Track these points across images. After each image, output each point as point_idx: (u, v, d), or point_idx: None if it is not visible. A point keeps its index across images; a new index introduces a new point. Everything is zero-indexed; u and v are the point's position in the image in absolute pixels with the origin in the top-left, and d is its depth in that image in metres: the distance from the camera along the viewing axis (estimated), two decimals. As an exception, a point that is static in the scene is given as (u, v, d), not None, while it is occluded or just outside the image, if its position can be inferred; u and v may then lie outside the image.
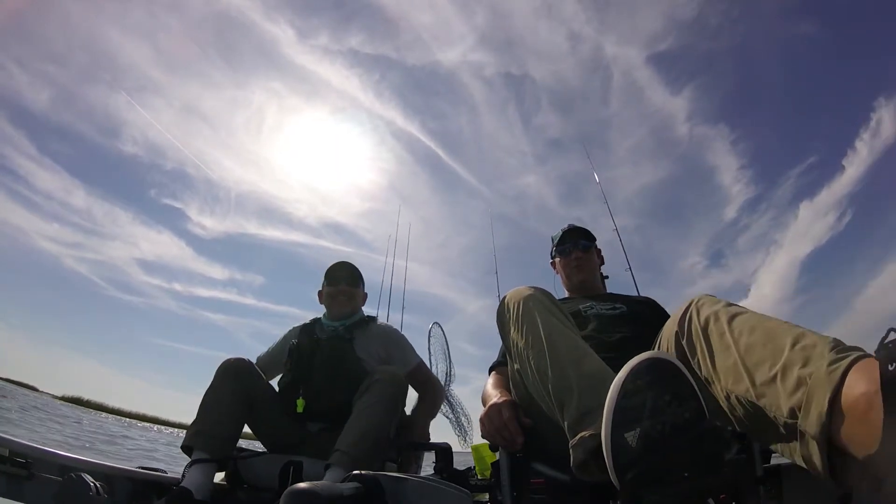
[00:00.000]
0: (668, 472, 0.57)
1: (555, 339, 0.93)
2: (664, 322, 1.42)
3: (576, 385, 0.83)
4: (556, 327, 0.95)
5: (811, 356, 0.62)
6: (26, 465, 1.19)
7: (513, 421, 1.03)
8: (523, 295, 1.05)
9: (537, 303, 1.02)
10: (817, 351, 0.62)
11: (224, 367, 1.50)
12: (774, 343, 0.68)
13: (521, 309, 1.02)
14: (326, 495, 0.74)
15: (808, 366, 0.61)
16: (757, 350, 0.70)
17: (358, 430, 1.34)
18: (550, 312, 0.99)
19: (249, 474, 1.52)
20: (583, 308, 1.39)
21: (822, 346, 0.62)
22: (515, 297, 1.06)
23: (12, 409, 9.40)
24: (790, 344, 0.66)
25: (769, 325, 0.73)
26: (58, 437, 5.89)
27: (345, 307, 1.81)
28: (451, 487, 0.88)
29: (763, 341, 0.70)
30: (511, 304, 1.06)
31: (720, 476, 0.58)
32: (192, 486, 1.27)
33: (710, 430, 0.59)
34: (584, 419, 0.77)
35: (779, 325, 0.72)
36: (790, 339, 0.66)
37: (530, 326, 0.98)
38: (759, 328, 0.73)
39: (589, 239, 1.64)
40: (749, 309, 0.81)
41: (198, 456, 1.35)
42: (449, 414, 3.05)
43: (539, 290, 1.07)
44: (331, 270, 1.85)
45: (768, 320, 0.75)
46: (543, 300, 1.03)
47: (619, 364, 1.15)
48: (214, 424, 1.41)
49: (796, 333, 0.67)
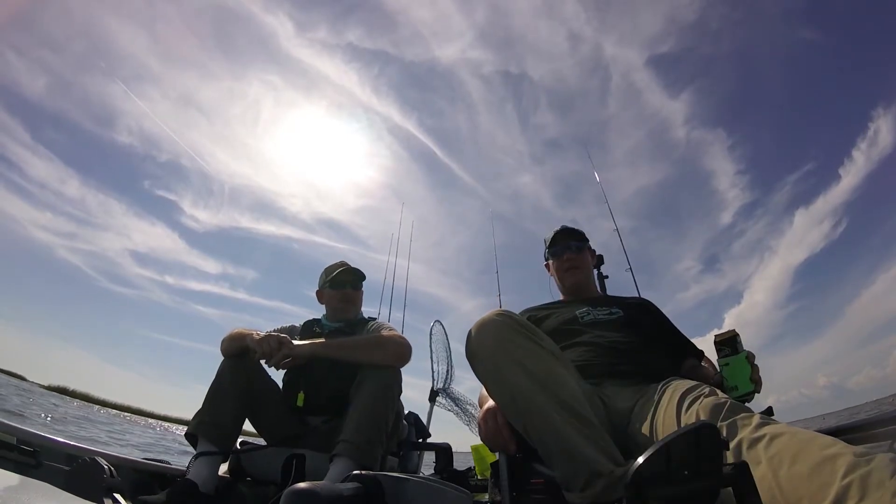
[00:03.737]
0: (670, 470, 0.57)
1: (529, 407, 0.89)
2: (661, 326, 1.42)
3: (555, 457, 0.85)
4: (525, 389, 0.89)
5: (868, 486, 0.54)
6: (33, 454, 1.21)
7: (505, 427, 1.03)
8: (485, 344, 0.96)
9: (502, 353, 0.93)
10: (874, 479, 0.54)
11: (229, 360, 1.52)
12: (822, 473, 0.59)
13: (487, 366, 0.96)
14: (326, 495, 0.75)
15: (865, 499, 0.53)
16: (802, 483, 0.61)
17: (359, 420, 1.35)
18: (517, 363, 0.92)
19: (252, 467, 1.54)
20: (579, 314, 1.40)
21: (879, 471, 0.55)
22: (479, 344, 0.97)
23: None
24: (842, 473, 0.57)
25: (813, 450, 0.63)
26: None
27: (349, 312, 1.84)
28: (451, 487, 0.88)
29: (808, 472, 0.61)
30: (475, 354, 0.98)
31: (721, 476, 0.58)
32: (198, 479, 1.29)
33: (710, 431, 0.59)
34: (568, 484, 0.82)
35: (825, 447, 0.62)
36: (842, 466, 0.58)
37: (499, 386, 0.94)
38: (802, 455, 0.63)
39: (580, 240, 1.62)
40: (786, 426, 0.71)
41: (202, 445, 1.37)
42: (453, 407, 3.08)
43: (504, 325, 0.97)
44: (335, 274, 1.84)
45: (812, 442, 0.64)
46: (508, 342, 0.94)
47: (614, 371, 1.15)
48: (219, 415, 1.42)
49: (848, 460, 0.58)
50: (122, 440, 7.76)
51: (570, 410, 0.87)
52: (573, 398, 0.90)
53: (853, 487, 0.55)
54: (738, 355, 1.08)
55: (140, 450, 5.96)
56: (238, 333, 1.51)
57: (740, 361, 1.07)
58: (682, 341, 1.42)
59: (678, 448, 0.57)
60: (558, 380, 0.92)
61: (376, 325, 1.81)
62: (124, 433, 9.90)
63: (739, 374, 1.07)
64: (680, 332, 1.45)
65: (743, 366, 1.07)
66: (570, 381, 0.94)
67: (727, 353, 1.09)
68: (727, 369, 1.09)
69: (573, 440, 0.83)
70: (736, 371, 1.08)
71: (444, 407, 3.10)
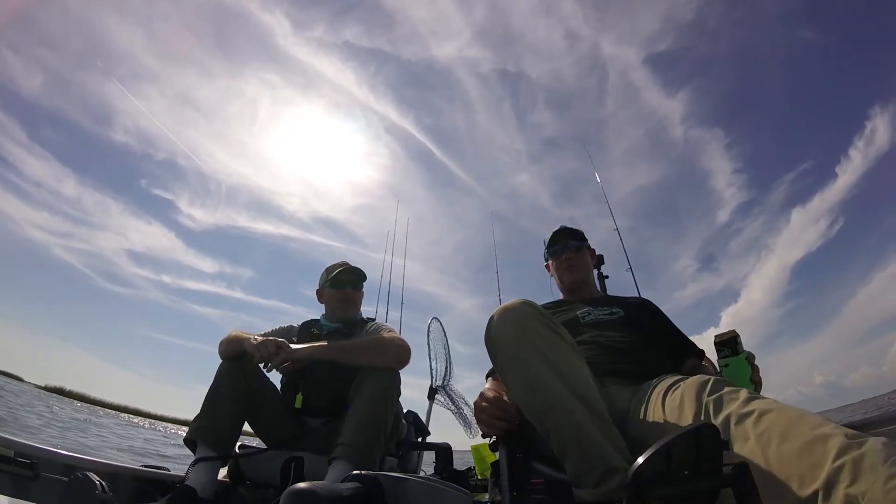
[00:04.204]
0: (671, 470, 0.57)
1: (548, 398, 0.87)
2: (662, 326, 1.42)
3: (571, 451, 0.84)
4: (546, 379, 0.87)
5: (860, 469, 0.53)
6: (31, 466, 1.21)
7: (499, 398, 1.03)
8: (507, 331, 0.93)
9: (523, 341, 0.91)
10: (867, 463, 0.53)
11: (227, 363, 1.51)
12: (813, 453, 0.58)
13: (508, 353, 0.93)
14: (326, 495, 0.74)
15: (857, 482, 0.52)
16: (791, 461, 0.60)
17: (358, 423, 1.35)
18: (539, 352, 0.89)
19: (251, 471, 1.53)
20: (580, 314, 1.40)
21: (871, 455, 0.53)
22: (500, 331, 0.94)
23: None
24: (833, 454, 0.56)
25: (803, 429, 0.62)
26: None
27: (349, 312, 1.84)
28: (451, 487, 0.88)
29: (798, 450, 0.60)
30: (496, 341, 0.95)
31: (721, 476, 0.59)
32: (196, 485, 1.28)
33: (710, 431, 0.59)
34: (580, 480, 0.82)
35: (815, 426, 0.61)
36: (833, 448, 0.57)
37: (518, 375, 0.91)
38: (791, 433, 0.62)
39: (579, 239, 1.63)
40: (774, 401, 0.70)
41: (202, 450, 1.37)
42: (451, 406, 3.08)
43: (527, 313, 0.94)
44: (336, 273, 1.83)
45: (802, 421, 0.63)
46: (530, 330, 0.92)
47: (615, 371, 1.15)
48: (217, 419, 1.42)
49: (840, 441, 0.57)
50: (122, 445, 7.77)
51: (590, 406, 0.85)
52: (592, 393, 0.88)
53: (845, 470, 0.54)
54: (738, 356, 1.08)
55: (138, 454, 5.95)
56: (236, 336, 1.50)
57: (740, 362, 1.08)
58: (682, 341, 1.42)
59: (678, 448, 0.57)
60: (579, 373, 0.90)
61: (375, 326, 1.80)
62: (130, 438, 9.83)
63: (739, 375, 1.07)
64: (681, 332, 1.45)
65: (743, 366, 1.07)
66: (588, 376, 0.93)
67: (727, 353, 1.10)
68: (727, 370, 1.09)
69: (592, 434, 0.82)
70: (736, 372, 1.08)
71: (442, 405, 3.11)
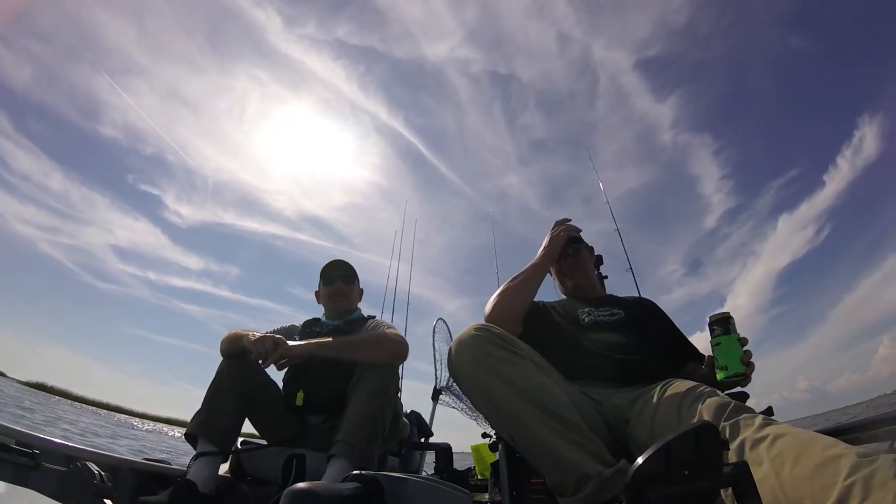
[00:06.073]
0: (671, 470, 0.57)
1: (511, 417, 0.90)
2: (663, 325, 1.42)
3: (543, 464, 0.87)
4: (507, 399, 0.90)
5: (871, 486, 0.54)
6: (32, 455, 1.22)
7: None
8: (465, 361, 0.96)
9: (480, 366, 0.94)
10: (877, 479, 0.54)
11: (227, 360, 1.52)
12: (824, 473, 0.59)
13: (469, 382, 0.96)
14: (326, 495, 0.75)
15: (868, 499, 0.53)
16: (804, 483, 0.61)
17: (356, 420, 1.35)
18: (497, 373, 0.92)
19: (253, 467, 1.54)
20: (581, 314, 1.41)
21: (882, 472, 0.54)
22: (459, 361, 0.98)
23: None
24: (844, 473, 0.57)
25: (815, 451, 0.63)
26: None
27: (341, 305, 1.84)
28: (451, 487, 0.88)
29: (811, 472, 0.61)
30: (457, 371, 0.99)
31: (721, 476, 0.58)
32: (197, 479, 1.29)
33: (710, 431, 0.59)
34: (558, 489, 0.84)
35: (827, 447, 0.63)
36: (844, 467, 0.58)
37: (482, 400, 0.95)
38: (804, 455, 0.63)
39: (577, 241, 1.64)
40: (788, 426, 0.71)
41: (202, 446, 1.37)
42: (458, 404, 3.09)
43: (481, 338, 0.97)
44: (325, 270, 1.87)
45: (814, 443, 0.64)
46: (486, 355, 0.95)
47: (614, 372, 1.15)
48: (218, 415, 1.43)
49: (851, 460, 0.58)
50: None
51: (555, 416, 0.87)
52: (557, 404, 0.90)
53: (856, 488, 0.55)
54: (730, 335, 1.08)
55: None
56: (236, 334, 1.51)
57: (731, 342, 1.07)
58: (683, 343, 1.42)
59: (678, 448, 0.57)
60: (541, 387, 0.92)
61: (375, 323, 1.82)
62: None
63: (730, 355, 1.06)
64: (681, 334, 1.45)
65: (734, 346, 1.07)
66: (552, 388, 0.94)
67: (719, 332, 1.09)
68: (718, 349, 1.09)
69: (558, 446, 0.84)
70: (726, 351, 1.07)
71: (447, 405, 3.11)
